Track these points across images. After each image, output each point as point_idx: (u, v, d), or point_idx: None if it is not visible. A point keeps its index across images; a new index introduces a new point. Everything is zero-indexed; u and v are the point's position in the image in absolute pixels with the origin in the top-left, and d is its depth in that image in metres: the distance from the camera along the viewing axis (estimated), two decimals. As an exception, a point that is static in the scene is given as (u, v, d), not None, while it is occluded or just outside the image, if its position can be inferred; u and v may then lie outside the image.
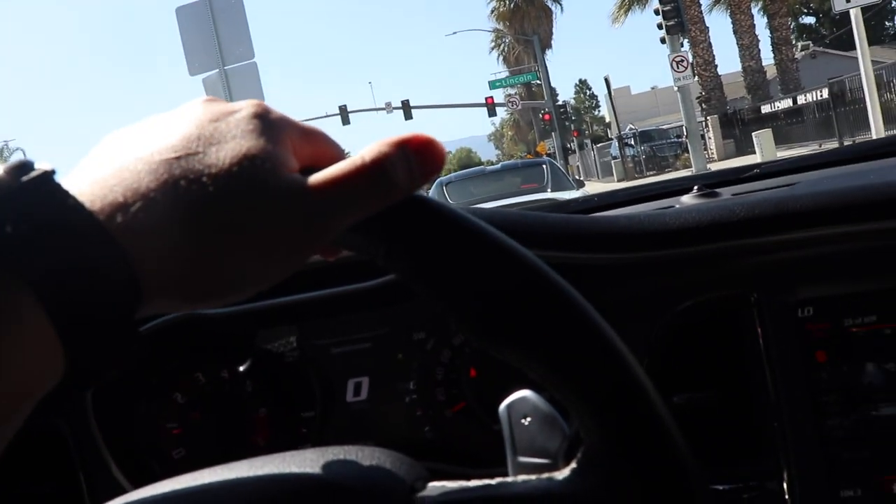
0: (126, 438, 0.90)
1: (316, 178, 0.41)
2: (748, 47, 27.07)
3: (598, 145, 36.71)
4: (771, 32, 27.35)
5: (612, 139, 32.85)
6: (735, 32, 27.06)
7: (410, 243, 0.42)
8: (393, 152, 0.42)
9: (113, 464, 0.87)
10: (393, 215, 0.42)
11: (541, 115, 35.59)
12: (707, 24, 27.14)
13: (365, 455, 0.50)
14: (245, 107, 0.44)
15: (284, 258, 0.40)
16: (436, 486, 0.47)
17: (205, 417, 0.91)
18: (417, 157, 0.43)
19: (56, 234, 0.35)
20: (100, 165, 0.40)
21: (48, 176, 0.36)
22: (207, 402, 0.92)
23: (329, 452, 0.50)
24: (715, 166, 20.40)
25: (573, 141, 39.17)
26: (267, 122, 0.42)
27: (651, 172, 29.11)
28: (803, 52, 30.95)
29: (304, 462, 0.50)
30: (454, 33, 41.28)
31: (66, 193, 0.36)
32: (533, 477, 0.46)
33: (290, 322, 0.90)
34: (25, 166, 0.36)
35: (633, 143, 31.59)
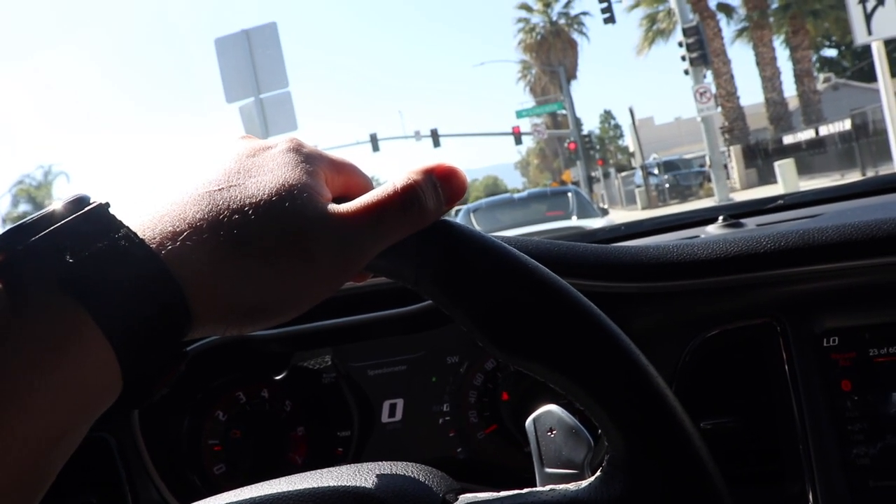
0: (170, 453, 0.93)
1: (350, 206, 0.44)
2: (770, 79, 27.07)
3: (622, 174, 36.63)
4: (793, 64, 27.32)
5: (635, 168, 32.72)
6: (758, 64, 27.09)
7: (438, 265, 0.45)
8: (422, 180, 0.45)
9: (157, 477, 0.90)
10: (421, 239, 0.45)
11: (566, 144, 35.67)
12: (730, 57, 27.19)
13: (398, 469, 0.52)
14: (280, 142, 0.47)
15: (321, 283, 0.43)
16: (467, 497, 0.50)
17: (245, 435, 0.94)
18: (444, 183, 0.46)
19: (112, 262, 0.37)
20: (151, 202, 0.43)
21: (103, 208, 0.39)
22: (247, 421, 0.94)
23: (364, 468, 0.53)
24: (737, 195, 20.28)
25: (598, 169, 39.12)
26: (301, 156, 0.46)
27: (674, 201, 28.96)
28: (825, 84, 30.81)
29: (340, 477, 0.52)
30: (482, 64, 41.85)
31: (120, 224, 0.39)
32: (560, 486, 0.48)
33: (329, 345, 0.93)
34: (82, 200, 0.39)
35: (656, 172, 31.50)
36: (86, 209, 0.39)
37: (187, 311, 0.39)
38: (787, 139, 23.39)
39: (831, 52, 37.16)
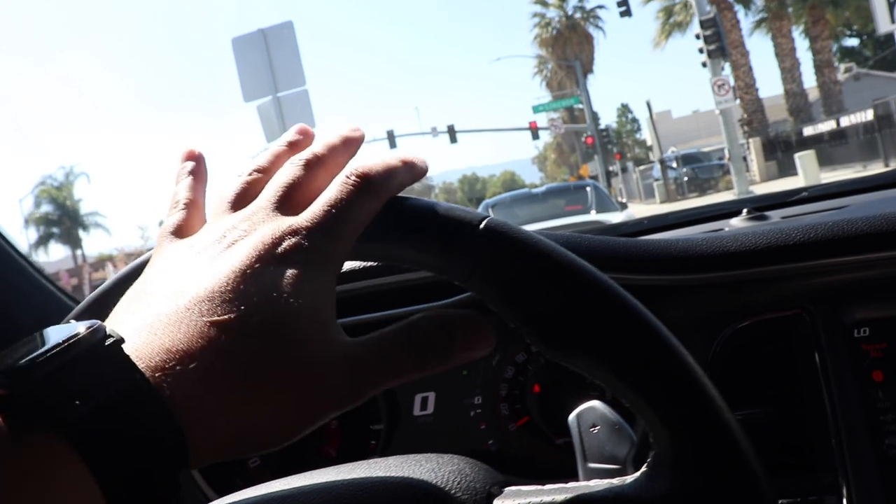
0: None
1: (360, 347, 0.44)
2: (790, 70, 26.90)
3: (640, 168, 36.57)
4: (813, 55, 27.10)
5: (653, 162, 32.62)
6: (776, 55, 26.88)
7: (489, 263, 0.45)
8: (433, 325, 0.46)
9: (196, 471, 0.92)
10: (471, 237, 0.45)
11: (583, 139, 35.57)
12: (748, 48, 27.01)
13: (445, 461, 0.54)
14: (294, 251, 0.43)
15: (322, 414, 0.43)
16: (512, 490, 0.51)
17: (279, 429, 0.95)
18: (461, 330, 0.46)
19: (121, 414, 0.36)
20: (149, 310, 0.41)
21: (118, 347, 0.38)
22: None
23: (410, 459, 0.54)
24: (757, 188, 20.17)
25: (616, 164, 39.02)
26: (311, 275, 0.43)
27: (693, 194, 28.87)
28: (847, 74, 30.54)
29: (388, 468, 0.53)
30: (498, 59, 41.88)
31: (132, 368, 0.37)
32: (605, 481, 0.49)
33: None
34: (97, 331, 0.38)
35: (674, 165, 31.37)
36: (100, 344, 0.37)
37: (186, 454, 0.38)
38: (808, 130, 23.25)
39: (852, 42, 36.82)
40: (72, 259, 46.45)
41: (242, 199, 0.49)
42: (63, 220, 46.61)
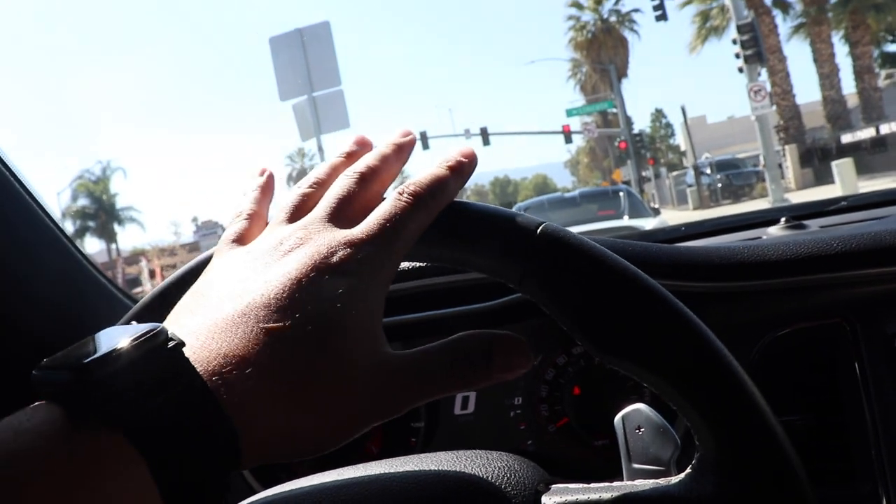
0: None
1: (403, 361, 0.46)
2: (828, 76, 26.52)
3: (674, 173, 36.24)
4: (853, 61, 26.70)
5: (687, 167, 32.32)
6: (815, 61, 26.53)
7: (545, 268, 0.47)
8: (474, 345, 0.48)
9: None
10: (528, 242, 0.47)
11: (616, 143, 35.41)
12: (785, 54, 26.68)
13: (494, 458, 0.55)
14: (346, 262, 0.45)
15: (364, 424, 0.45)
16: (559, 487, 0.52)
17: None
18: (497, 347, 0.48)
19: (179, 415, 0.37)
20: (207, 314, 0.43)
21: (178, 350, 0.39)
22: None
23: (462, 455, 0.56)
24: (792, 196, 19.91)
25: (649, 169, 38.74)
26: (363, 287, 0.44)
27: (727, 201, 28.57)
28: (888, 81, 30.06)
29: (439, 462, 0.55)
30: (532, 62, 41.80)
31: (191, 370, 0.39)
32: (650, 481, 0.50)
33: (400, 340, 0.97)
34: (159, 334, 0.39)
35: (708, 171, 31.07)
36: (162, 347, 0.39)
37: (238, 456, 0.39)
38: (846, 138, 22.91)
39: (894, 48, 36.19)
40: (106, 253, 47.04)
41: (300, 210, 0.51)
42: (99, 213, 47.28)
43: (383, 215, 0.47)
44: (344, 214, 0.48)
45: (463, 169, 0.52)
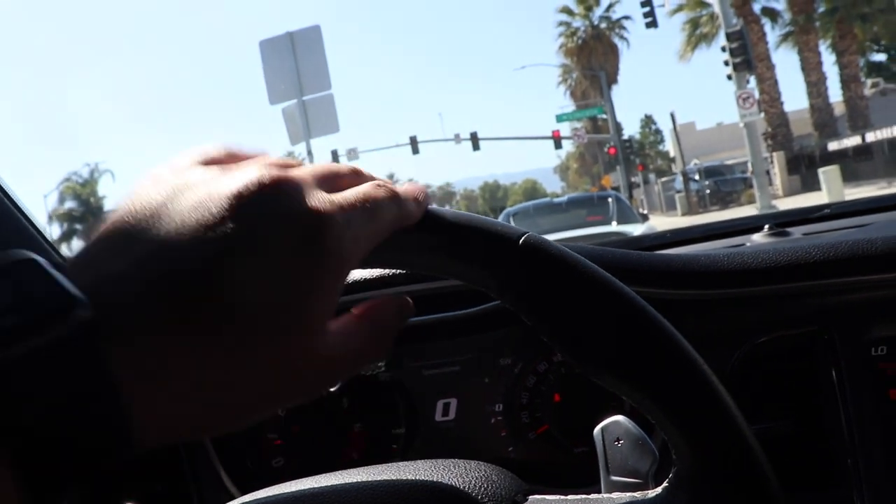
0: (232, 445, 0.97)
1: (334, 338, 0.40)
2: (816, 84, 26.71)
3: (662, 179, 36.42)
4: (840, 69, 26.90)
5: (676, 174, 32.47)
6: (803, 69, 26.71)
7: (524, 279, 0.46)
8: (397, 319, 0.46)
9: (221, 469, 0.94)
10: (507, 253, 0.47)
11: (606, 149, 35.52)
12: (774, 62, 26.86)
13: (472, 468, 0.55)
14: (297, 216, 0.37)
15: (288, 397, 0.39)
16: (536, 499, 0.52)
17: (304, 430, 0.98)
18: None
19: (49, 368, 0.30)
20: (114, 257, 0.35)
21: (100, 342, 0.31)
22: (307, 416, 0.98)
23: (438, 464, 0.56)
24: (780, 202, 20.02)
25: (638, 175, 38.89)
26: (316, 251, 0.37)
27: (715, 207, 28.71)
28: (873, 90, 30.28)
29: (417, 471, 0.55)
30: (523, 68, 41.87)
31: (105, 361, 0.31)
32: (627, 494, 0.50)
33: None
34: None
35: (697, 177, 31.22)
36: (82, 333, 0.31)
37: (129, 436, 0.32)
38: (832, 145, 23.07)
39: (880, 57, 36.44)
40: (94, 257, 46.54)
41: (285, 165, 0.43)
42: (86, 216, 47.03)
43: (361, 192, 0.42)
44: (325, 183, 0.42)
45: (420, 200, 0.47)
